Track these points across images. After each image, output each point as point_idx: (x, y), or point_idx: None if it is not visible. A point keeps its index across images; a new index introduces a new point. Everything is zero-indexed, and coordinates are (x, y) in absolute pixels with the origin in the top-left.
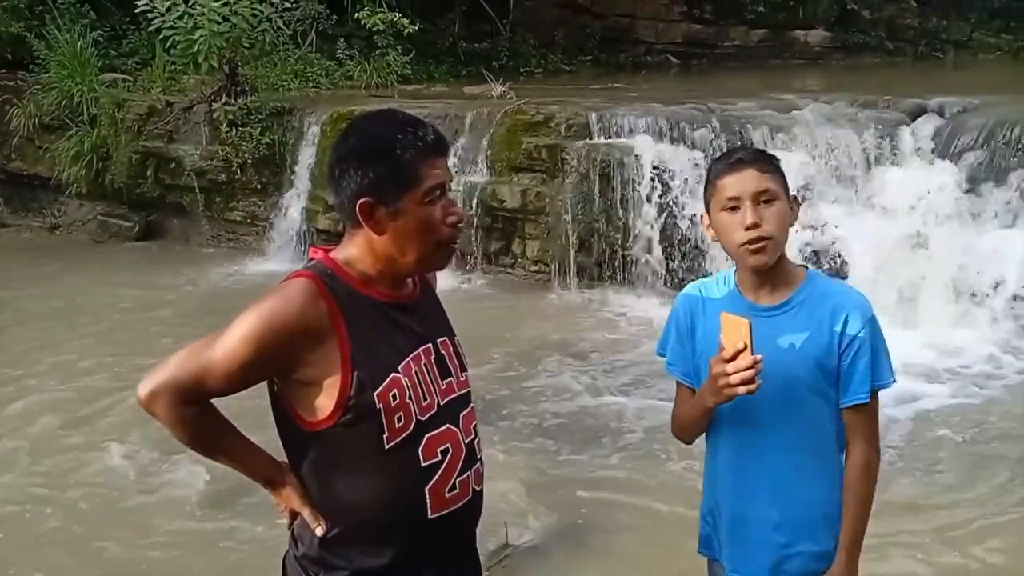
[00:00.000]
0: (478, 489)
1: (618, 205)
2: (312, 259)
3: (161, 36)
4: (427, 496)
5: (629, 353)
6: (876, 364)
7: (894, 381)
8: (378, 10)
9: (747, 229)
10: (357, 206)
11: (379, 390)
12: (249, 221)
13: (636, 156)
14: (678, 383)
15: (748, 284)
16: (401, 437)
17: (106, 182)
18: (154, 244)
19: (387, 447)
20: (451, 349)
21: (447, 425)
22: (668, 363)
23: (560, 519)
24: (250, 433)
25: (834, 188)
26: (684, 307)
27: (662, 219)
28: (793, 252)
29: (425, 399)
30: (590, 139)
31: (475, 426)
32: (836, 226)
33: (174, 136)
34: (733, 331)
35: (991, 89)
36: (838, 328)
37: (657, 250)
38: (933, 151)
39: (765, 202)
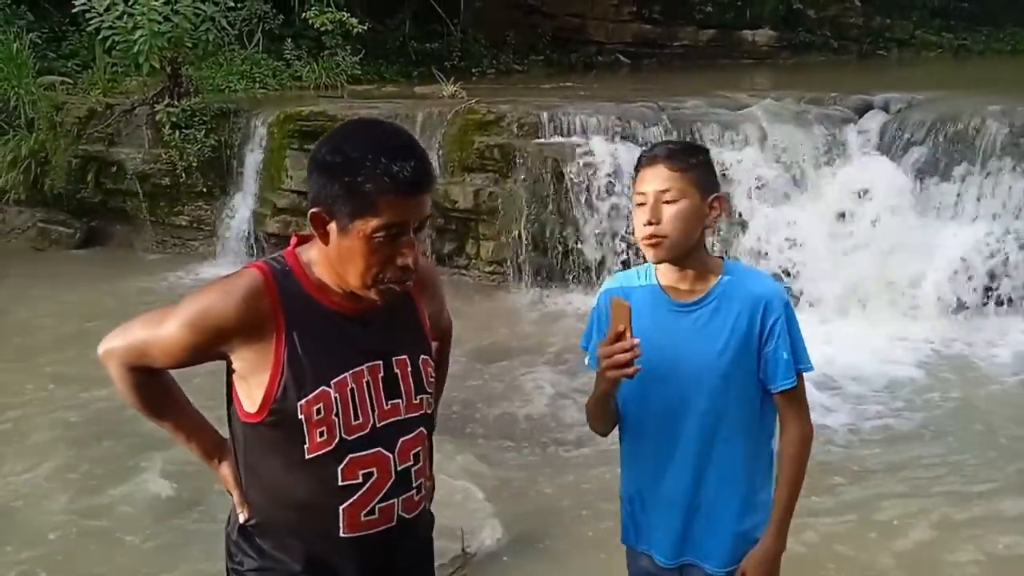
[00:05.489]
0: (408, 517)
1: (571, 204)
2: (284, 252)
3: (100, 37)
4: (341, 514)
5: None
6: (796, 349)
7: (812, 367)
8: (326, 10)
9: (644, 226)
10: (310, 213)
11: (303, 400)
12: (195, 225)
13: (588, 154)
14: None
15: (665, 276)
16: (322, 452)
17: (45, 188)
18: (97, 251)
19: (307, 457)
20: (408, 369)
21: (378, 449)
22: (589, 356)
23: (520, 526)
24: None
25: (784, 184)
26: (604, 300)
27: (615, 217)
28: (744, 247)
29: (356, 419)
30: (542, 138)
31: (417, 453)
32: (786, 222)
33: (115, 139)
34: (617, 315)
35: (934, 85)
36: (758, 318)
37: (611, 248)
38: (879, 146)
39: (668, 201)
